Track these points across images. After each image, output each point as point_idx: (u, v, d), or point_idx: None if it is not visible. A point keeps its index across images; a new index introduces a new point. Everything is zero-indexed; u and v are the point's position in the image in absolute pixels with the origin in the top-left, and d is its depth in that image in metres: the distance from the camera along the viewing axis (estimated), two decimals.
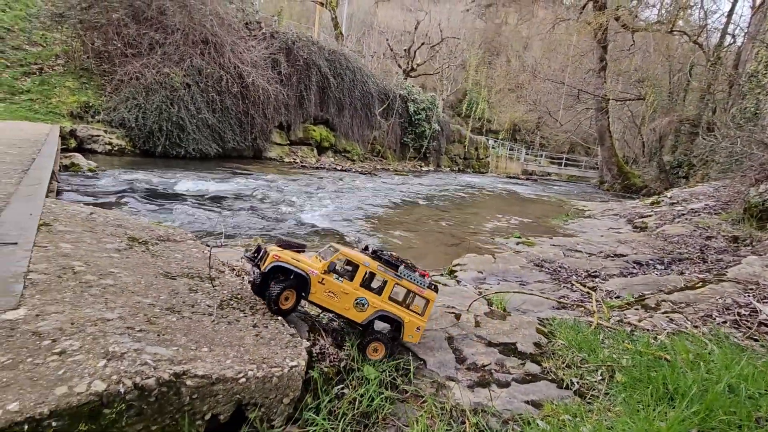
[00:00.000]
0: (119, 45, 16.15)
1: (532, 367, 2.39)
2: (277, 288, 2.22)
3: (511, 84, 50.83)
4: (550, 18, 46.60)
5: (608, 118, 29.85)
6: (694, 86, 26.85)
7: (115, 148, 14.66)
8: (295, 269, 2.23)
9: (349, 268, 2.41)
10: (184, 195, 9.13)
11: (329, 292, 2.27)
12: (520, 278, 5.38)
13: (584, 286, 4.85)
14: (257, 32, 20.49)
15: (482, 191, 20.29)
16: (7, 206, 2.99)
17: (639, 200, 15.28)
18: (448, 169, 31.54)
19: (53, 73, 16.33)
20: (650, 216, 10.45)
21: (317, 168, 19.75)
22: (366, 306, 2.32)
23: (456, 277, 5.43)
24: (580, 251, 6.66)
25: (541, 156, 45.45)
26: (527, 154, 43.81)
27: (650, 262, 5.91)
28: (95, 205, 5.59)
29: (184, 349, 1.61)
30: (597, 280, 5.22)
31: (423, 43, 29.59)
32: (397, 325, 2.44)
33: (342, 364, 2.15)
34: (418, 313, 2.46)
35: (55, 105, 14.83)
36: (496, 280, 5.29)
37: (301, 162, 21.04)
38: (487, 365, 2.44)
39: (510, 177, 34.40)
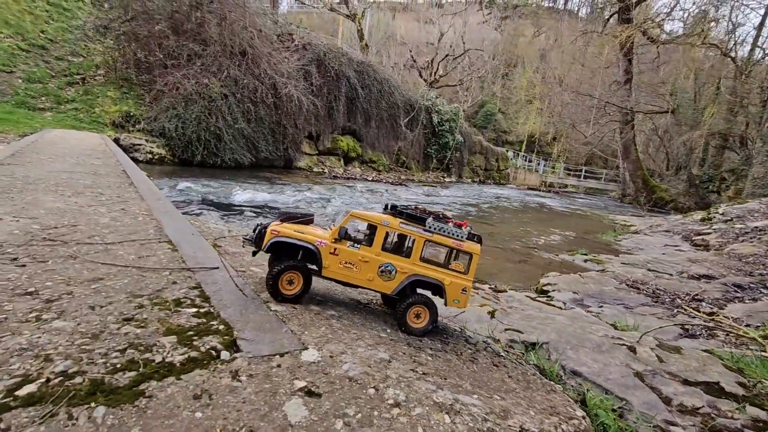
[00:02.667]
0: (160, 56, 16.40)
1: (757, 413, 2.22)
2: (276, 269, 1.90)
3: (528, 95, 50.86)
4: (569, 30, 46.74)
5: (634, 130, 29.59)
6: (722, 99, 26.52)
7: (156, 157, 14.78)
8: (299, 242, 1.92)
9: (367, 231, 2.07)
10: (249, 206, 9.10)
11: (345, 263, 1.95)
12: (621, 301, 5.18)
13: (698, 310, 4.65)
14: (290, 44, 20.74)
15: (513, 204, 20.09)
16: (163, 225, 2.92)
17: (683, 216, 14.95)
18: (470, 180, 31.40)
19: (95, 83, 16.63)
20: (709, 234, 10.17)
21: (348, 178, 19.73)
22: (394, 273, 1.98)
23: (551, 297, 5.25)
24: (669, 273, 6.44)
25: (560, 168, 45.15)
26: (545, 166, 43.57)
27: (751, 285, 5.68)
28: None
29: (485, 399, 1.48)
30: (704, 304, 5.01)
31: (447, 55, 29.74)
32: (436, 290, 2.06)
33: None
34: (460, 272, 2.07)
35: (98, 114, 15.06)
36: (595, 303, 5.10)
37: (330, 172, 21.06)
38: (699, 408, 2.27)
39: (531, 189, 34.13)
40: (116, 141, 14.05)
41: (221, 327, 1.55)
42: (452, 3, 67.53)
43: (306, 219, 2.14)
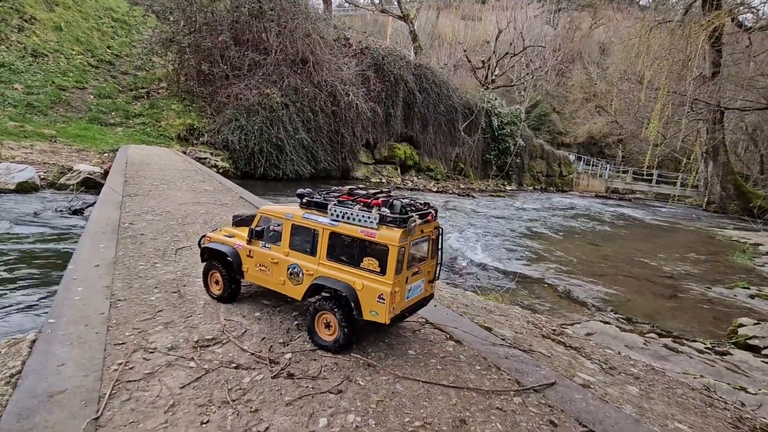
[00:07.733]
0: (223, 67, 16.13)
1: None
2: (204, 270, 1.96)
3: (588, 93, 47.35)
4: (631, 21, 42.86)
5: (723, 130, 26.23)
6: None
7: (220, 171, 14.34)
8: (220, 247, 1.82)
9: (279, 228, 1.86)
10: None
11: (260, 265, 1.69)
12: None
13: None
14: (347, 49, 20.01)
15: (596, 215, 18.03)
16: None
17: None
18: (531, 188, 29.22)
19: (158, 96, 16.65)
20: None
21: (411, 189, 18.58)
22: (301, 275, 1.63)
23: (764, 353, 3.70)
24: None
25: (627, 172, 41.40)
26: (611, 170, 40.05)
27: None
28: None
29: None
30: None
31: (507, 53, 27.90)
32: (340, 296, 1.51)
33: None
34: (374, 272, 1.47)
35: (164, 128, 14.93)
36: None
37: (388, 182, 20.02)
38: None
39: (598, 196, 31.33)
40: (183, 154, 13.81)
41: None
42: None
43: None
